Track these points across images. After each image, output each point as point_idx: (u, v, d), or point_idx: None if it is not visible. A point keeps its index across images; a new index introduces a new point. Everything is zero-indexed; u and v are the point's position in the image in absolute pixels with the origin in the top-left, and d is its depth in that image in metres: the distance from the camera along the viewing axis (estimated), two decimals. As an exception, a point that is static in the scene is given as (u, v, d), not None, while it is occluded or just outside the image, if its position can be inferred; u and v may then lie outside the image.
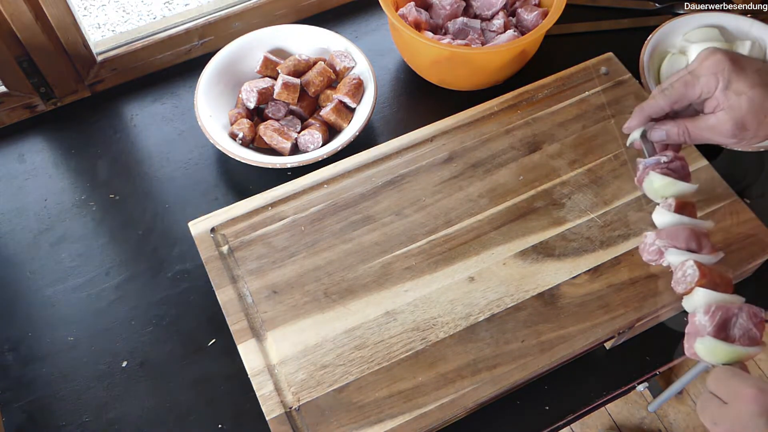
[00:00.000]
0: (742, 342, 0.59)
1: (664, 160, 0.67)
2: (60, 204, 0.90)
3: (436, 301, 0.74)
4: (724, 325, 0.59)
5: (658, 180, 0.67)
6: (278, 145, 0.89)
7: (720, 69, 0.62)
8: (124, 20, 2.09)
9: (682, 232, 0.64)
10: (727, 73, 0.61)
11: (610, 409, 1.65)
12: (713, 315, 0.59)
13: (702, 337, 0.60)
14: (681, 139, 0.66)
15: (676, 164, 0.68)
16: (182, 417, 0.75)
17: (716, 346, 0.58)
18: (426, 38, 0.89)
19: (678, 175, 0.68)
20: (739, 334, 0.59)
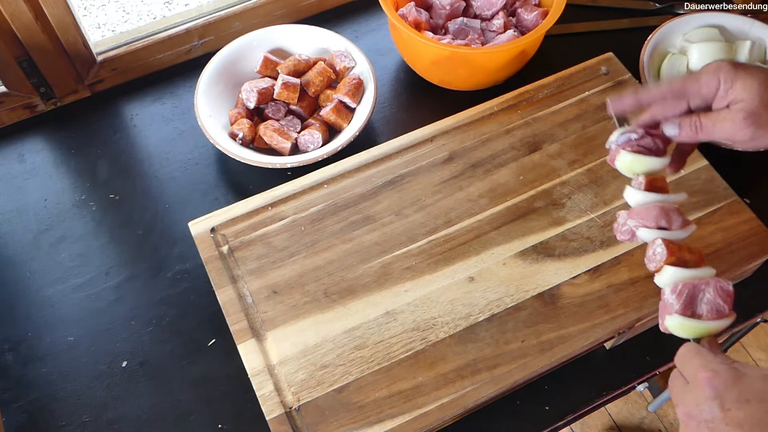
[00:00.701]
0: (710, 317, 0.59)
1: (635, 137, 0.65)
2: (60, 204, 0.90)
3: (436, 301, 0.74)
4: (690, 301, 0.60)
5: (629, 158, 0.65)
6: (278, 145, 0.89)
7: (721, 69, 0.61)
8: (124, 20, 2.08)
9: (652, 211, 0.63)
10: (729, 73, 0.61)
11: (610, 409, 1.65)
12: (680, 293, 0.60)
13: (670, 314, 0.60)
14: (692, 131, 0.63)
15: (647, 141, 0.66)
16: (182, 417, 0.75)
17: (683, 323, 0.59)
18: (426, 38, 0.89)
19: (650, 151, 0.66)
20: (707, 309, 0.60)
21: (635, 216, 0.64)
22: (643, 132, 0.66)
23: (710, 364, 0.52)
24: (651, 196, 0.65)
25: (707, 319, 0.59)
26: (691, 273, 0.61)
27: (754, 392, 0.47)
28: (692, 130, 0.63)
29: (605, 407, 1.65)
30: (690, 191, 0.80)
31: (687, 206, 0.79)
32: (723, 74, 0.61)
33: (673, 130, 0.64)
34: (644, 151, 0.65)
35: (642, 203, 0.65)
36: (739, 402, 0.48)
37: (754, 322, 0.94)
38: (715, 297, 0.60)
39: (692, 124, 0.63)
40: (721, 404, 0.48)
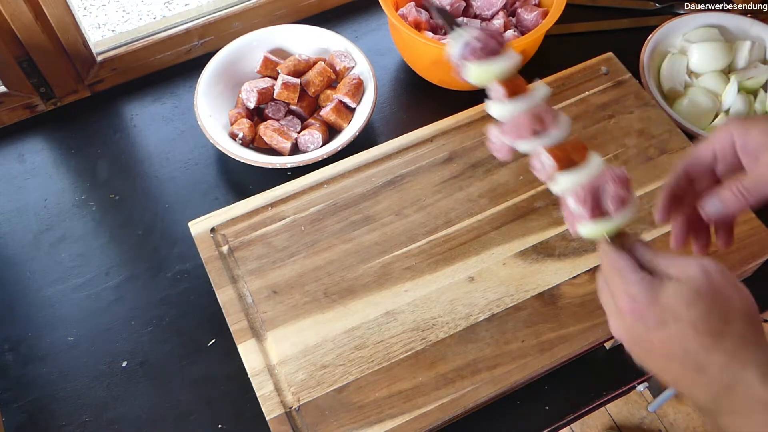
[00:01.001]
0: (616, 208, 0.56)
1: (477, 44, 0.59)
2: (60, 204, 0.90)
3: (436, 301, 0.74)
4: (596, 203, 0.56)
5: (478, 68, 0.59)
6: (278, 145, 0.89)
7: (728, 124, 0.56)
8: (124, 20, 2.08)
9: (523, 120, 0.58)
10: (737, 123, 0.55)
11: (610, 409, 1.65)
12: (584, 200, 0.56)
13: (581, 222, 0.57)
14: (740, 198, 0.54)
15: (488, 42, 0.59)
16: (182, 417, 0.75)
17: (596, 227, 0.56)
18: (426, 38, 0.89)
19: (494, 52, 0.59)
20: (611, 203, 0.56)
21: (508, 131, 0.59)
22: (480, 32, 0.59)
23: (629, 288, 0.50)
24: (515, 103, 0.58)
25: (615, 212, 0.56)
26: (586, 172, 0.57)
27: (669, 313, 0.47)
28: (740, 198, 0.54)
29: (605, 407, 1.65)
30: (690, 191, 0.80)
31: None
32: (734, 128, 0.55)
33: (715, 206, 0.55)
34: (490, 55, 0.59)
35: (509, 114, 0.59)
36: (658, 324, 0.48)
37: (754, 322, 0.94)
38: (615, 188, 0.56)
39: (736, 193, 0.54)
40: (645, 328, 0.49)
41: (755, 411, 0.44)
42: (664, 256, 0.51)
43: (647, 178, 0.81)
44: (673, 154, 0.83)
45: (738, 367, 0.45)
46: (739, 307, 0.47)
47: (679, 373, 0.48)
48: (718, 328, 0.46)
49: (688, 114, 0.92)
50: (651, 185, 0.81)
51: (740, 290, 0.48)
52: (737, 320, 0.46)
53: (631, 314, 0.49)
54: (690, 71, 0.96)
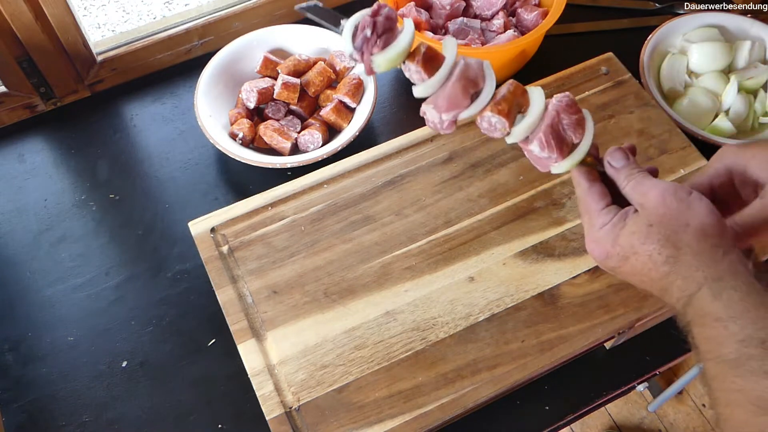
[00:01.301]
0: (578, 136, 0.56)
1: (368, 33, 0.54)
2: (60, 204, 0.90)
3: (436, 301, 0.74)
4: (560, 141, 0.56)
5: (379, 59, 0.54)
6: (278, 145, 0.89)
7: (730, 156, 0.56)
8: (124, 20, 2.08)
9: (455, 91, 0.54)
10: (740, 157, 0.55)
11: (610, 409, 1.65)
12: (548, 143, 0.55)
13: (555, 164, 0.56)
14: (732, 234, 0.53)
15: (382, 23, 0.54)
16: (182, 417, 0.75)
17: (569, 163, 0.56)
18: (426, 38, 0.89)
19: (386, 33, 0.54)
20: (572, 132, 0.56)
21: (444, 106, 0.55)
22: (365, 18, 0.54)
23: (593, 233, 0.54)
24: (437, 75, 0.54)
25: (578, 139, 0.56)
26: (535, 114, 0.55)
27: (629, 249, 0.52)
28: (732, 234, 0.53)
29: (605, 407, 1.65)
30: (690, 191, 0.80)
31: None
32: (730, 160, 0.55)
33: None
34: (387, 37, 0.54)
35: (437, 89, 0.55)
36: (621, 260, 0.53)
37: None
38: (569, 117, 0.56)
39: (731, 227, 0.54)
40: (613, 264, 0.54)
41: (708, 323, 0.49)
42: (633, 182, 0.54)
43: (647, 178, 0.81)
44: (673, 154, 0.83)
45: (693, 288, 0.49)
46: (693, 225, 0.50)
47: (651, 291, 0.53)
48: (672, 255, 0.50)
49: (688, 114, 0.92)
50: (651, 185, 0.81)
51: (694, 207, 0.51)
52: (691, 241, 0.50)
53: (599, 255, 0.55)
54: (690, 71, 0.96)
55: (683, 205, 0.51)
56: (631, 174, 0.55)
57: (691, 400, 1.66)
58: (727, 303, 0.48)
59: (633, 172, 0.55)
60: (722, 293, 0.48)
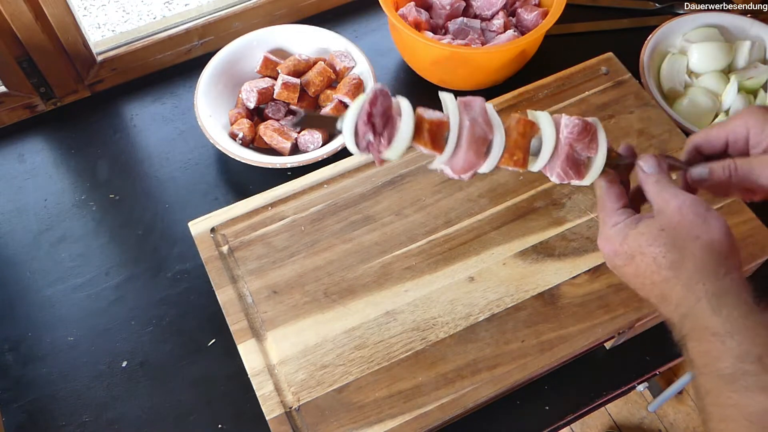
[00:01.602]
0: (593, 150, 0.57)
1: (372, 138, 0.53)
2: (60, 204, 0.90)
3: (436, 301, 0.74)
4: (577, 167, 0.57)
5: (390, 154, 0.54)
6: (278, 145, 0.89)
7: (750, 114, 0.57)
8: (124, 20, 2.08)
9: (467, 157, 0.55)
10: (759, 117, 0.57)
11: (610, 409, 1.65)
12: (567, 173, 0.57)
13: (586, 180, 0.58)
14: (725, 173, 0.57)
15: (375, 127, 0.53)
16: (182, 417, 0.75)
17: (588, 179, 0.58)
18: (426, 38, 0.89)
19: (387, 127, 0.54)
20: (585, 153, 0.57)
21: (462, 169, 0.55)
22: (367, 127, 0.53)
23: (606, 231, 0.56)
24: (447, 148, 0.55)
25: (593, 153, 0.57)
26: (548, 150, 0.56)
27: (636, 249, 0.53)
28: (725, 172, 0.57)
29: (605, 407, 1.65)
30: (690, 191, 0.80)
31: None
32: (752, 120, 0.57)
33: (701, 172, 0.58)
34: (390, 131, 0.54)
35: (450, 159, 0.56)
36: (627, 258, 0.54)
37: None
38: (581, 143, 0.57)
39: (726, 167, 0.57)
40: (620, 262, 0.55)
41: (705, 338, 0.49)
42: (659, 187, 0.55)
43: (647, 178, 0.81)
44: (673, 155, 0.83)
45: (693, 300, 0.50)
46: (703, 239, 0.51)
47: (650, 297, 0.54)
48: (677, 260, 0.51)
49: (688, 114, 0.92)
50: (651, 185, 0.81)
51: (709, 223, 0.51)
52: (696, 252, 0.51)
53: (608, 252, 0.56)
54: (690, 71, 0.96)
55: (699, 219, 0.52)
56: (660, 180, 0.56)
57: (691, 400, 1.66)
58: (726, 319, 0.48)
59: (662, 178, 0.56)
60: (722, 309, 0.49)
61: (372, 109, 0.53)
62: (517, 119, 0.56)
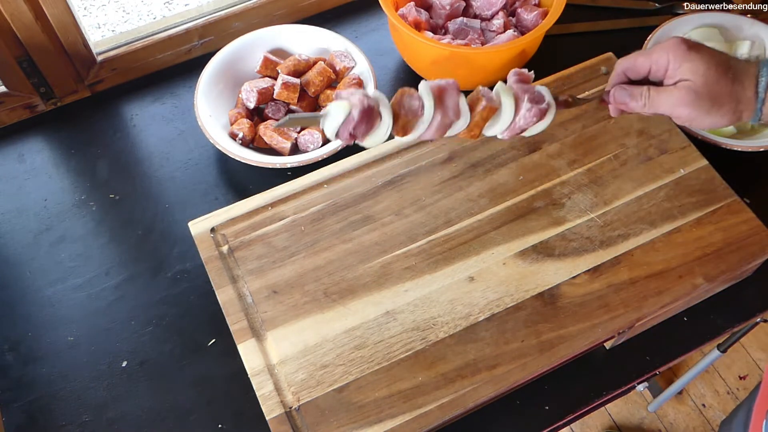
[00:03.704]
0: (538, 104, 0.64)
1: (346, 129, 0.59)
2: (60, 204, 0.90)
3: (436, 301, 0.74)
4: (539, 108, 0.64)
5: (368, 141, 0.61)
6: (278, 145, 0.89)
7: (672, 48, 0.64)
8: (124, 20, 2.08)
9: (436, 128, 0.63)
10: (679, 52, 0.63)
11: (610, 409, 1.65)
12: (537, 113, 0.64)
13: None
14: (641, 101, 0.66)
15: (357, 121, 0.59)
16: (182, 417, 0.75)
17: None
18: (426, 38, 0.89)
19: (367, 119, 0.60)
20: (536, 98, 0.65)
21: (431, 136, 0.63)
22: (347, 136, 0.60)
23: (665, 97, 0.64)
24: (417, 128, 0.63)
25: None
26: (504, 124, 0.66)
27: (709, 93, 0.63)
28: (641, 100, 0.66)
29: (605, 407, 1.65)
30: (690, 191, 0.80)
31: (687, 206, 0.79)
32: (673, 53, 0.64)
33: (623, 95, 0.66)
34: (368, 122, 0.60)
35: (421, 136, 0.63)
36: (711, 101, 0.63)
37: (754, 322, 0.94)
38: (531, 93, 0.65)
39: (642, 94, 0.65)
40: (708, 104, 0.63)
41: None
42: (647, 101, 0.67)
43: (647, 178, 0.81)
44: (673, 154, 0.83)
45: None
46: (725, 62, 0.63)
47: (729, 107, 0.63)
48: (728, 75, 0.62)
49: (688, 114, 0.92)
50: (651, 185, 0.81)
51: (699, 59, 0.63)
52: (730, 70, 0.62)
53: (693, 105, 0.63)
54: (690, 71, 0.96)
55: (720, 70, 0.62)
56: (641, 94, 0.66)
57: (691, 400, 1.66)
58: None
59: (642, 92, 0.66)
60: None
61: (357, 128, 0.59)
62: (483, 106, 0.63)
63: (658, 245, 0.77)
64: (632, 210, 0.79)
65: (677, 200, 0.80)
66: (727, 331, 0.81)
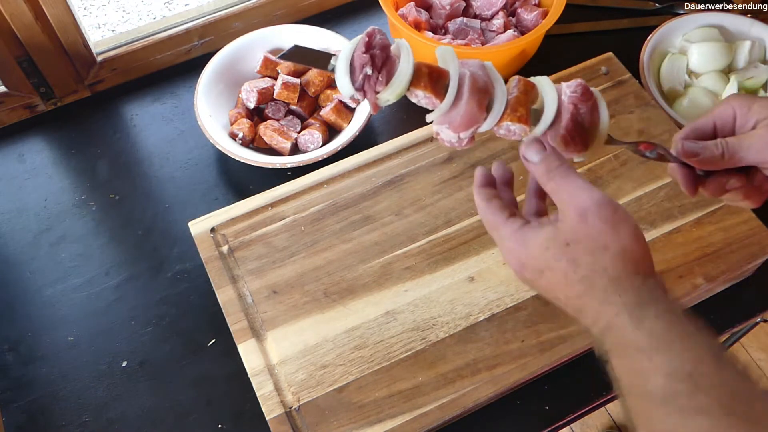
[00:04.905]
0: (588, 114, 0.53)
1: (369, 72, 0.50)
2: (60, 204, 0.90)
3: (436, 301, 0.73)
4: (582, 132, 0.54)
5: (387, 94, 0.51)
6: (278, 145, 0.89)
7: (733, 98, 0.57)
8: (124, 20, 2.08)
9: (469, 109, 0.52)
10: (742, 100, 0.57)
11: (610, 409, 1.65)
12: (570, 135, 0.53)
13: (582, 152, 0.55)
14: (718, 150, 0.55)
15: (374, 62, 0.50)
16: (182, 417, 0.75)
17: None
18: (426, 38, 0.89)
19: (385, 66, 0.51)
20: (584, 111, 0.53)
21: (460, 125, 0.53)
22: (358, 54, 0.50)
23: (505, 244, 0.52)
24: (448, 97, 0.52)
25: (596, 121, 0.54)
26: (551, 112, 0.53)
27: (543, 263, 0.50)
28: (717, 150, 0.55)
29: (605, 407, 1.65)
30: (690, 191, 0.80)
31: (687, 206, 0.79)
32: (736, 101, 0.57)
33: (692, 147, 0.56)
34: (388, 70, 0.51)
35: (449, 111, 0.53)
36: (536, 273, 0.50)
37: (754, 322, 0.94)
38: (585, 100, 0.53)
39: (718, 144, 0.55)
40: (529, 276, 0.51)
41: (630, 354, 0.46)
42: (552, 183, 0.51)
43: (647, 178, 0.81)
44: (673, 154, 0.83)
45: (611, 314, 0.46)
46: (613, 249, 0.47)
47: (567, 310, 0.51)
48: (588, 276, 0.47)
49: (688, 114, 0.92)
50: (651, 185, 0.81)
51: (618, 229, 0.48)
52: (609, 265, 0.47)
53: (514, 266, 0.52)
54: (690, 71, 0.96)
55: (606, 226, 0.48)
56: (549, 171, 0.51)
57: (691, 400, 1.65)
58: (649, 333, 0.45)
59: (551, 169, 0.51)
60: (644, 321, 0.45)
61: (371, 41, 0.50)
62: (518, 78, 0.54)
63: (658, 245, 0.76)
64: (632, 210, 0.79)
65: (677, 200, 0.80)
66: (727, 331, 0.81)
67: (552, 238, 0.49)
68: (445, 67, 0.53)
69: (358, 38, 0.51)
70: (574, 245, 0.48)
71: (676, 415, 0.42)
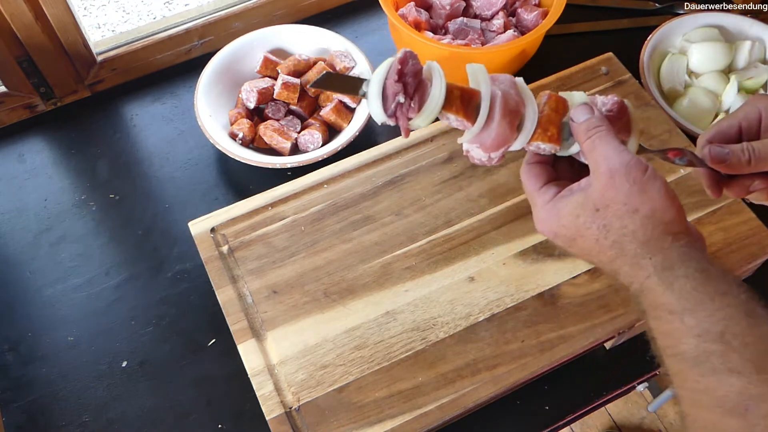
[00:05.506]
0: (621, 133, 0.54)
1: (402, 100, 0.50)
2: (60, 204, 0.90)
3: (436, 301, 0.73)
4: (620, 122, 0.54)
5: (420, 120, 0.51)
6: (278, 145, 0.89)
7: (759, 98, 0.56)
8: (124, 20, 2.08)
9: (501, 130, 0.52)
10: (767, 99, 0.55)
11: (610, 409, 1.65)
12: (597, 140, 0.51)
13: None
14: (745, 155, 0.54)
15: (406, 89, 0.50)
16: (182, 417, 0.75)
17: None
18: (426, 38, 0.89)
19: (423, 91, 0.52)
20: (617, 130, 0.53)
21: (492, 146, 0.52)
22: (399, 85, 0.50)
23: (537, 212, 0.53)
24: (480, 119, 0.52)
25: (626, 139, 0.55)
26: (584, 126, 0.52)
27: (574, 231, 0.50)
28: (744, 155, 0.54)
29: (605, 407, 1.65)
30: (690, 191, 0.80)
31: (687, 206, 0.79)
32: (762, 103, 0.55)
33: (719, 152, 0.54)
34: (420, 97, 0.51)
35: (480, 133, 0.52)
36: (568, 240, 0.52)
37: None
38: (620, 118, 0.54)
39: (744, 150, 0.54)
40: (562, 243, 0.53)
41: (663, 316, 0.47)
42: (589, 142, 0.51)
43: (647, 178, 0.81)
44: (673, 154, 0.83)
45: (643, 276, 0.47)
46: (643, 212, 0.48)
47: (604, 271, 0.52)
48: (618, 241, 0.48)
49: (688, 114, 0.92)
50: (651, 185, 0.81)
51: (647, 190, 0.48)
52: (637, 229, 0.48)
53: (548, 233, 0.53)
54: (690, 71, 0.96)
55: (636, 187, 0.48)
56: (589, 131, 0.51)
57: (691, 400, 1.65)
58: (679, 294, 0.46)
59: (591, 128, 0.51)
60: (674, 283, 0.46)
61: (404, 68, 0.50)
62: (549, 95, 0.54)
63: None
64: (632, 210, 0.79)
65: (677, 200, 0.80)
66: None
67: (582, 205, 0.50)
68: (476, 85, 0.53)
69: (390, 62, 0.51)
70: (603, 210, 0.49)
71: (709, 375, 0.43)
